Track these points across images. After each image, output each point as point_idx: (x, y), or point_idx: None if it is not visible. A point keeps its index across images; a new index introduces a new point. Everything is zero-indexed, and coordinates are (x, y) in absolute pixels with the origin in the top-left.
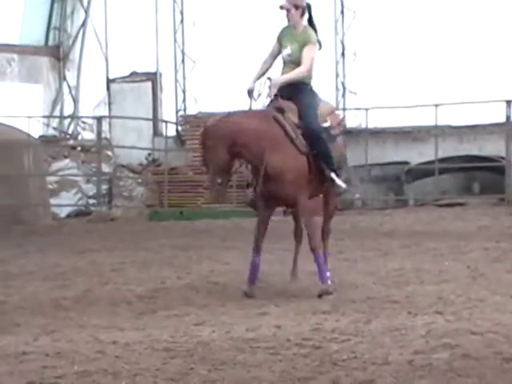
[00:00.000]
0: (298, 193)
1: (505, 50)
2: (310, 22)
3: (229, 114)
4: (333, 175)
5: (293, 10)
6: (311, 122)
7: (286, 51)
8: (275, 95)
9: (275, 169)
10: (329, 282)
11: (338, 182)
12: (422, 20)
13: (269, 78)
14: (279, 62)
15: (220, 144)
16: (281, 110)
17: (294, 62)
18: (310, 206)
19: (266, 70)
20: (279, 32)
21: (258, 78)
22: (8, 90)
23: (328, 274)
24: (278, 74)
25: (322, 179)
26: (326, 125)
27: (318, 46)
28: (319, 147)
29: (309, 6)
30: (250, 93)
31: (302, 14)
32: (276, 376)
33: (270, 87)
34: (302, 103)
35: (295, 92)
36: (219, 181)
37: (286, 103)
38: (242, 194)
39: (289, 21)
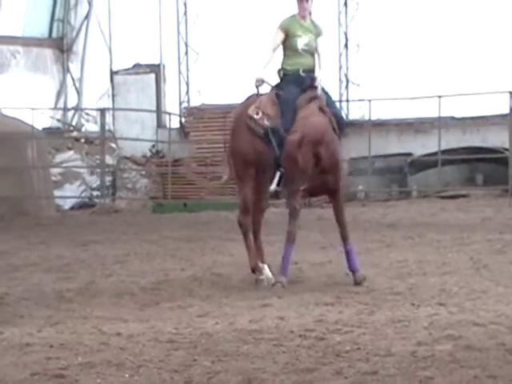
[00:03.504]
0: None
1: (508, 41)
2: None
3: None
4: None
5: (307, 1)
6: (340, 112)
7: (302, 41)
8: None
9: (334, 160)
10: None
11: None
12: (425, 11)
13: (311, 76)
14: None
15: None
16: (320, 101)
17: (311, 52)
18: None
19: (271, 61)
20: (282, 22)
21: (266, 66)
22: (12, 82)
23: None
24: (279, 64)
25: None
26: None
27: None
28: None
29: None
30: (259, 82)
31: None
32: (279, 367)
33: (315, 82)
34: (325, 93)
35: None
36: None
37: (314, 93)
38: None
39: (302, 11)
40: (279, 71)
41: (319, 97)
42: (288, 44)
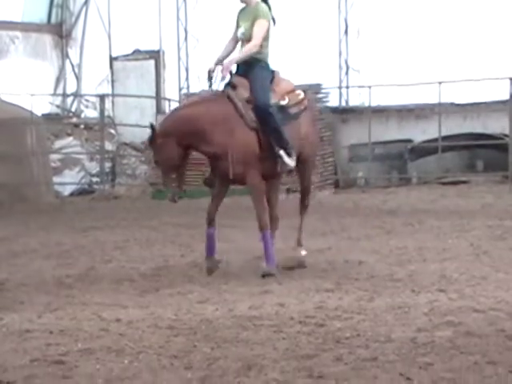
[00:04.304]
0: (246, 170)
1: (509, 27)
2: None
3: (175, 109)
4: (281, 152)
5: None
6: (260, 97)
7: (240, 30)
8: (230, 73)
9: (222, 146)
10: (273, 266)
11: (286, 159)
12: None
13: (221, 62)
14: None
15: (170, 141)
16: (233, 87)
17: (247, 39)
18: (260, 183)
19: (228, 53)
20: (237, 14)
21: (220, 60)
22: (11, 68)
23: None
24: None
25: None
26: (283, 102)
27: (268, 20)
28: (267, 122)
29: None
30: (210, 74)
31: None
32: (279, 353)
33: (222, 70)
34: (252, 78)
35: (248, 69)
36: (173, 178)
37: (239, 79)
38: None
39: None
40: None
41: (233, 83)
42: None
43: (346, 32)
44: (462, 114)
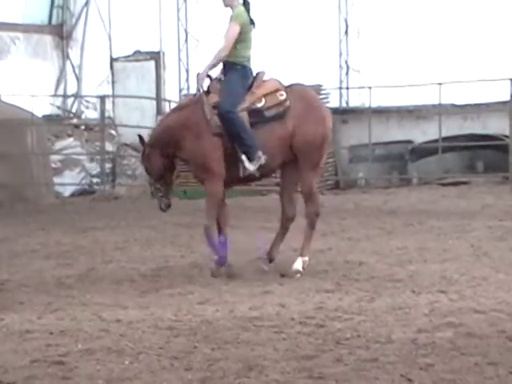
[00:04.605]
0: (205, 175)
1: (509, 28)
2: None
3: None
4: (243, 157)
5: None
6: (222, 102)
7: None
8: (210, 78)
9: (188, 151)
10: (219, 265)
11: (247, 164)
12: None
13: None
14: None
15: (154, 151)
16: (208, 92)
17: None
18: (217, 191)
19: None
20: None
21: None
22: (12, 69)
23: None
24: None
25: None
26: (259, 105)
27: (239, 23)
28: (228, 127)
29: None
30: (197, 78)
31: None
32: (279, 354)
33: (197, 80)
34: (223, 83)
35: (225, 73)
36: (160, 188)
37: (214, 84)
38: None
39: (223, 3)
40: None
41: (208, 89)
42: None
43: (347, 32)
44: (462, 114)
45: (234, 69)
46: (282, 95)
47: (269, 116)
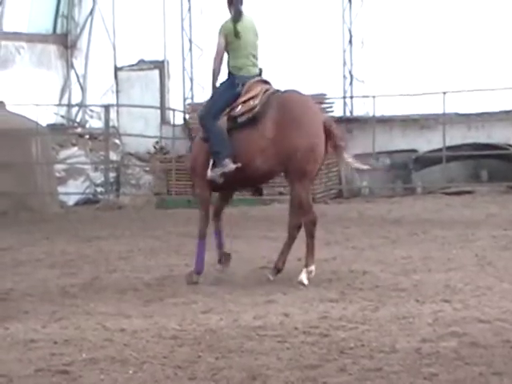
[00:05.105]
0: (195, 179)
1: None
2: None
3: None
4: (210, 162)
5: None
6: (200, 109)
7: None
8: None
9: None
10: (195, 274)
11: (209, 169)
12: (430, 7)
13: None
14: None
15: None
16: None
17: None
18: (203, 194)
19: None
20: None
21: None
22: (17, 78)
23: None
24: None
25: None
26: (236, 111)
27: (223, 35)
28: (204, 132)
29: None
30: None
31: (229, 4)
32: (283, 364)
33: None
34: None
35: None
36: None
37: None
38: None
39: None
40: None
41: None
42: None
43: (351, 42)
44: (466, 124)
45: (225, 79)
46: (255, 101)
47: (240, 122)
